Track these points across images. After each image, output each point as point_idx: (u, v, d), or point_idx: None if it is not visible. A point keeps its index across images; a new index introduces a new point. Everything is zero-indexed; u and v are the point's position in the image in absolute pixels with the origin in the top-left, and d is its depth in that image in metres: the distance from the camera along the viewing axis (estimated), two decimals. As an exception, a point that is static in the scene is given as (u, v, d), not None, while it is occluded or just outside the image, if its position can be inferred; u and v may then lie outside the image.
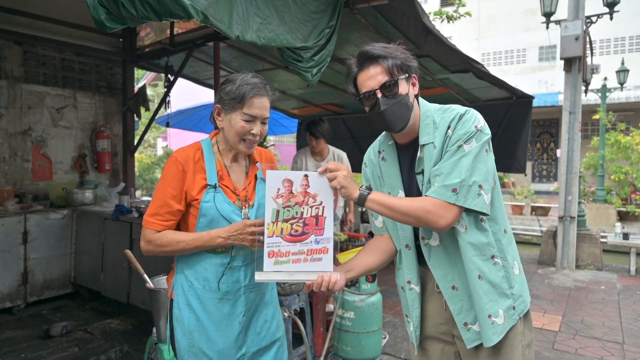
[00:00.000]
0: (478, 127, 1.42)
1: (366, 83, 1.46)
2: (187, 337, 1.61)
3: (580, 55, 5.99)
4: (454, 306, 1.49)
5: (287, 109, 8.35)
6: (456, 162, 1.39)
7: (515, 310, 1.48)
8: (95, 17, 1.94)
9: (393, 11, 3.81)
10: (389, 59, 1.44)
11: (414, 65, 1.50)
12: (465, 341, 1.49)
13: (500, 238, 1.49)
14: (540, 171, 18.79)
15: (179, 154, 1.62)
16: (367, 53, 1.46)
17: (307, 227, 1.45)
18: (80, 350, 3.53)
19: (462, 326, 1.49)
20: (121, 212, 4.17)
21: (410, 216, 1.41)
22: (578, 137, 6.32)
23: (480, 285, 1.43)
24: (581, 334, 3.96)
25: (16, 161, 4.92)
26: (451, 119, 1.46)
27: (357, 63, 1.49)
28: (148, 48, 5.67)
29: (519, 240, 12.07)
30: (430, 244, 1.52)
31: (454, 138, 1.42)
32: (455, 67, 5.14)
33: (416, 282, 1.57)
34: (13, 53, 4.89)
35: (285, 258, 1.44)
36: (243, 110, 1.55)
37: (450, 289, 1.50)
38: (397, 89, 1.44)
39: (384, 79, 1.44)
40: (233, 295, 1.61)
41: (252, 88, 1.55)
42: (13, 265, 4.26)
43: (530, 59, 18.74)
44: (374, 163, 1.66)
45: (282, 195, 1.43)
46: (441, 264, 1.51)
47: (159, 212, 1.59)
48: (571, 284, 5.63)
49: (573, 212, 6.34)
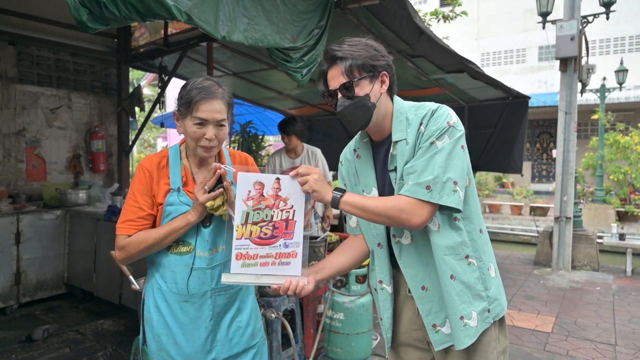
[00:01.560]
0: (450, 123, 1.41)
1: (330, 83, 1.48)
2: (156, 340, 1.61)
3: (575, 55, 5.97)
4: (423, 307, 1.48)
5: (284, 109, 8.35)
6: (429, 159, 1.38)
7: (490, 313, 1.45)
8: (77, 17, 1.93)
9: (385, 11, 3.80)
10: (347, 60, 1.43)
11: (383, 64, 1.47)
12: (433, 343, 1.47)
13: (476, 238, 1.47)
14: (540, 171, 18.76)
15: (145, 161, 1.65)
16: (329, 53, 1.48)
17: (276, 230, 1.44)
18: (72, 351, 3.53)
19: (431, 328, 1.47)
20: (113, 212, 4.17)
21: (383, 216, 1.39)
22: (574, 138, 6.30)
23: (453, 285, 1.41)
24: (574, 335, 3.94)
25: (10, 162, 4.92)
26: (423, 115, 1.44)
27: (325, 62, 1.50)
28: (143, 48, 5.66)
29: (518, 240, 12.04)
30: (401, 242, 1.50)
31: (426, 134, 1.41)
32: (450, 67, 5.13)
33: (388, 281, 1.56)
34: (7, 53, 4.88)
35: (253, 261, 1.43)
36: (193, 114, 1.53)
37: (420, 289, 1.48)
38: (354, 91, 1.44)
39: (342, 80, 1.44)
40: (199, 299, 1.59)
41: (199, 92, 1.52)
42: (6, 266, 4.26)
43: (530, 59, 18.71)
44: (349, 161, 1.66)
45: (253, 198, 1.41)
46: (412, 263, 1.49)
47: (130, 218, 1.58)
48: (566, 285, 5.61)
49: (569, 212, 6.32)
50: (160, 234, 1.55)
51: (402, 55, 4.79)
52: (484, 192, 15.21)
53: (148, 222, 1.60)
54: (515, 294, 5.20)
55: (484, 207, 14.11)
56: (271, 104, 8.02)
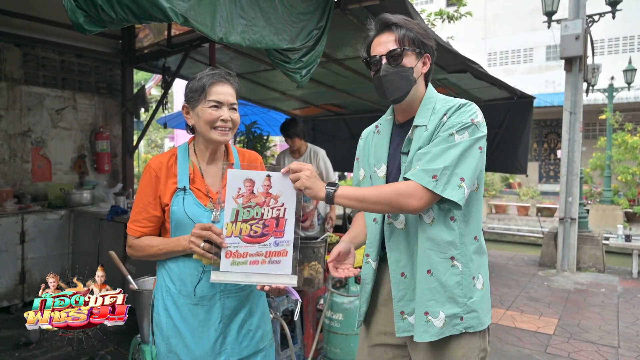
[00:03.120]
0: (474, 120, 1.40)
1: (376, 48, 1.48)
2: (165, 343, 1.61)
3: (580, 54, 5.92)
4: (397, 292, 1.49)
5: (289, 110, 8.37)
6: (444, 149, 1.36)
7: (462, 322, 1.41)
8: (74, 20, 1.95)
9: (385, 12, 3.78)
10: (403, 28, 1.46)
11: (430, 45, 1.50)
12: (397, 329, 1.49)
13: (467, 243, 1.45)
14: (547, 171, 18.62)
15: (153, 161, 1.65)
16: (383, 19, 1.49)
17: (266, 228, 1.42)
18: (74, 349, 3.57)
19: (399, 314, 1.48)
20: (116, 212, 4.20)
21: (381, 203, 1.38)
22: (579, 138, 6.25)
23: (428, 280, 1.41)
24: (576, 337, 3.91)
25: (16, 162, 4.98)
26: (449, 107, 1.44)
27: (375, 28, 1.51)
28: (147, 49, 5.70)
29: (524, 241, 11.96)
30: (394, 224, 1.51)
31: (448, 125, 1.40)
32: (453, 68, 5.11)
33: (374, 257, 1.57)
34: (13, 55, 4.94)
35: (243, 259, 1.42)
36: (207, 98, 1.56)
37: (399, 275, 1.49)
38: (401, 59, 1.45)
39: (392, 47, 1.45)
40: (208, 301, 1.59)
41: (211, 77, 1.58)
42: (10, 265, 4.31)
43: (537, 59, 18.58)
44: (369, 136, 1.69)
45: (243, 195, 1.40)
46: (398, 248, 1.49)
47: (137, 219, 1.62)
48: (571, 287, 5.56)
49: (574, 213, 6.26)
50: (159, 250, 1.58)
51: (404, 55, 4.78)
52: (490, 193, 15.12)
53: (152, 224, 1.62)
54: (519, 295, 5.16)
55: (490, 208, 14.02)
56: (275, 104, 8.03)
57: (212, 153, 1.66)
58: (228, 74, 1.63)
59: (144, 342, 2.42)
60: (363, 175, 1.68)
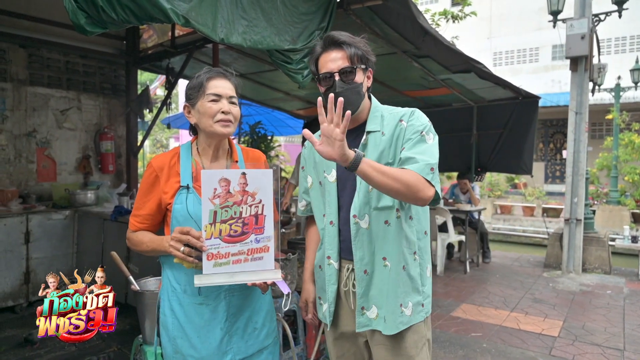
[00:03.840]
0: (429, 122, 1.56)
1: (327, 65, 1.56)
2: (172, 344, 1.61)
3: (586, 54, 5.87)
4: (360, 289, 1.58)
5: (292, 110, 8.36)
6: (428, 147, 1.50)
7: (423, 308, 1.60)
8: (75, 21, 1.96)
9: (388, 12, 3.78)
10: (352, 47, 1.55)
11: (373, 61, 1.61)
12: (357, 324, 1.59)
13: (421, 238, 1.62)
14: (553, 172, 18.48)
15: (155, 160, 1.66)
16: (333, 37, 1.57)
17: (246, 226, 1.41)
18: (78, 349, 3.58)
19: (359, 310, 1.59)
20: (120, 213, 4.22)
21: (401, 183, 1.40)
22: (584, 138, 6.19)
23: (401, 275, 1.56)
24: (581, 339, 3.88)
25: (21, 162, 5.01)
26: (402, 114, 1.58)
27: (323, 45, 1.59)
28: (151, 50, 5.73)
29: (530, 242, 11.89)
30: (360, 224, 1.58)
31: (414, 127, 1.54)
32: (457, 67, 5.08)
33: (335, 258, 1.65)
34: (18, 56, 4.98)
35: (225, 259, 1.41)
36: (206, 92, 1.57)
37: (362, 273, 1.58)
38: (353, 76, 1.55)
39: (344, 64, 1.54)
40: (213, 300, 1.58)
41: (209, 72, 1.61)
42: (15, 265, 4.34)
43: (543, 58, 18.44)
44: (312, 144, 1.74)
45: (219, 196, 1.39)
46: (363, 246, 1.58)
47: (135, 214, 1.66)
48: (576, 288, 5.52)
49: (579, 214, 6.21)
50: (147, 247, 1.61)
51: (407, 55, 4.77)
52: (495, 193, 15.05)
53: (148, 222, 1.64)
54: (523, 297, 5.13)
55: (495, 208, 13.95)
56: (279, 104, 8.03)
57: (215, 150, 1.66)
58: (226, 70, 1.65)
59: (146, 343, 2.42)
60: (311, 182, 1.77)
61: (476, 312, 4.57)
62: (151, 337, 2.39)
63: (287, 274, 2.74)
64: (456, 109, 7.38)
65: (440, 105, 7.43)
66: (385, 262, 1.56)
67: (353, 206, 1.58)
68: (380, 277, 1.57)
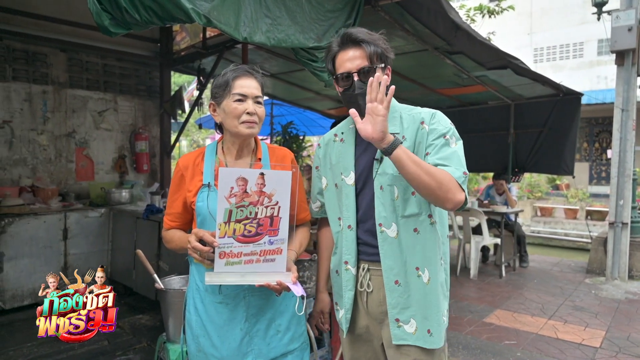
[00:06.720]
0: (452, 126, 1.50)
1: (345, 64, 1.50)
2: (195, 342, 1.61)
3: (634, 47, 5.52)
4: (391, 300, 1.51)
5: (323, 109, 8.34)
6: (453, 152, 1.44)
7: (446, 314, 1.57)
8: (99, 23, 2.00)
9: (418, 7, 3.68)
10: (371, 45, 1.49)
11: (391, 58, 1.55)
12: (393, 337, 1.51)
13: (445, 242, 1.57)
14: (599, 172, 17.59)
15: (181, 159, 1.69)
16: (351, 35, 1.50)
17: (261, 227, 1.39)
18: (110, 344, 3.68)
19: (394, 321, 1.51)
20: (151, 211, 4.31)
21: (433, 178, 1.34)
22: (632, 137, 5.83)
23: (435, 285, 1.51)
24: (625, 351, 3.63)
25: (61, 162, 5.22)
26: (423, 116, 1.51)
27: (339, 43, 1.53)
28: (183, 52, 5.84)
29: (572, 246, 11.33)
30: (387, 232, 1.52)
31: (437, 131, 1.47)
32: (492, 64, 4.90)
33: (353, 263, 1.59)
34: (58, 60, 5.19)
35: (237, 259, 1.39)
36: (232, 92, 1.55)
37: (393, 283, 1.51)
38: (373, 75, 1.46)
39: (362, 64, 1.48)
40: (232, 299, 1.57)
41: (235, 71, 1.58)
42: (54, 260, 4.52)
43: (588, 53, 17.59)
44: (329, 144, 1.70)
45: (236, 195, 1.36)
46: (392, 256, 1.51)
47: (167, 212, 1.71)
48: (621, 296, 5.20)
49: (625, 217, 5.85)
50: (176, 246, 1.65)
51: (439, 52, 4.63)
52: (535, 195, 14.47)
53: (180, 221, 1.68)
54: (562, 304, 4.88)
55: (534, 210, 13.41)
56: (310, 104, 8.03)
57: (240, 149, 1.65)
58: (252, 67, 1.62)
59: (169, 341, 2.44)
60: (325, 183, 1.71)
61: (511, 319, 4.38)
62: (174, 335, 2.41)
63: (312, 274, 2.71)
64: (492, 107, 7.15)
65: (476, 103, 7.21)
66: (418, 273, 1.50)
67: (377, 214, 1.51)
68: (416, 288, 1.49)
